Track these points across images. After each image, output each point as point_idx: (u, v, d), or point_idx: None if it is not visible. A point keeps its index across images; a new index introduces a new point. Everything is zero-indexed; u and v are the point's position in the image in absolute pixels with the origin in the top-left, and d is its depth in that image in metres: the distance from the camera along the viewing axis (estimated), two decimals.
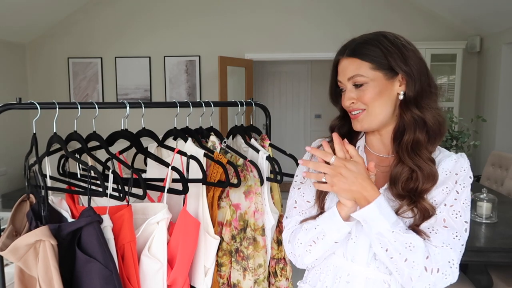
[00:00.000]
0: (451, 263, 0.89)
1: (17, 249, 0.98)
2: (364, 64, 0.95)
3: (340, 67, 1.00)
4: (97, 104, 1.17)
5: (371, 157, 1.04)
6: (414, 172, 0.93)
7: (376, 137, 1.04)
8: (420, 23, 5.07)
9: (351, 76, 0.96)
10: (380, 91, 0.95)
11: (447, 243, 0.90)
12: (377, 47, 0.94)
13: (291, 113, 7.00)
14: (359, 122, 0.98)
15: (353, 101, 0.97)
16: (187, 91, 5.44)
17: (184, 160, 1.21)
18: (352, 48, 0.97)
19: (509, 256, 1.98)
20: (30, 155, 1.15)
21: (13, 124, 5.07)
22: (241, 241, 1.29)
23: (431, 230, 0.91)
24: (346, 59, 0.98)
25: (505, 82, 4.61)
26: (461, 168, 0.95)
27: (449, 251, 0.89)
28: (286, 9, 5.25)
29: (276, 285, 1.35)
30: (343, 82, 0.99)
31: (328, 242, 0.95)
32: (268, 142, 1.45)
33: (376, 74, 0.94)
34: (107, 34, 5.44)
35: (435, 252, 0.89)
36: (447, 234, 0.90)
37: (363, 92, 0.96)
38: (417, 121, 0.95)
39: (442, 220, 0.91)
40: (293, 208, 1.07)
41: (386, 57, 0.94)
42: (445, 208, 0.92)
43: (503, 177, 3.40)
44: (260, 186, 1.30)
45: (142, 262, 1.09)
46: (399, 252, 0.87)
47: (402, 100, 0.96)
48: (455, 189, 0.93)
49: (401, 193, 0.94)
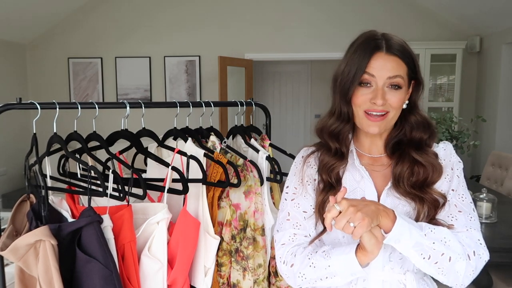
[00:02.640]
0: (479, 241, 0.92)
1: (17, 249, 0.98)
2: (404, 67, 0.92)
3: (378, 62, 0.91)
4: (97, 104, 1.17)
5: (363, 159, 1.02)
6: (415, 166, 0.96)
7: (371, 139, 1.02)
8: (420, 23, 5.07)
9: (393, 76, 0.91)
10: (405, 98, 0.95)
11: (469, 226, 0.92)
12: (409, 53, 0.93)
13: (291, 113, 6.99)
14: (378, 126, 0.94)
15: (385, 102, 0.92)
16: (187, 91, 5.44)
17: (184, 160, 1.21)
18: (396, 47, 0.92)
19: (509, 256, 1.99)
20: (30, 155, 1.15)
21: (13, 124, 5.07)
22: (241, 241, 1.29)
23: (451, 218, 0.93)
24: (387, 55, 0.91)
25: (505, 82, 4.61)
26: (451, 154, 1.00)
27: (473, 232, 0.92)
28: (286, 9, 5.25)
29: (277, 285, 1.35)
30: (378, 78, 0.91)
31: (337, 281, 0.90)
32: (268, 142, 1.45)
33: (407, 80, 0.94)
34: (107, 34, 5.44)
35: (463, 237, 0.91)
36: (464, 218, 0.93)
37: (397, 95, 0.92)
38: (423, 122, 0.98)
39: (454, 205, 0.94)
40: (286, 220, 1.00)
41: (415, 66, 0.94)
42: (454, 194, 0.96)
43: (503, 177, 3.40)
44: (260, 186, 1.31)
45: (142, 262, 1.09)
46: (441, 253, 0.85)
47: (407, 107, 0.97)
48: (455, 175, 0.97)
49: (407, 191, 0.95)
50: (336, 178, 0.99)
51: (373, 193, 0.98)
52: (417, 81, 0.97)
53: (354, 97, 0.95)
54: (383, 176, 1.00)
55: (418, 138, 0.98)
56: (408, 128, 0.99)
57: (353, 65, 0.93)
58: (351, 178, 1.00)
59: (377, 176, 1.00)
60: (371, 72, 0.91)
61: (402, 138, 1.00)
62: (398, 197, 0.96)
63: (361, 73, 0.92)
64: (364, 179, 0.99)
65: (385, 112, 0.93)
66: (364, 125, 0.95)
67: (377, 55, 0.91)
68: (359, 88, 0.93)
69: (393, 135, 1.01)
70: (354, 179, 1.00)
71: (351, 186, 0.99)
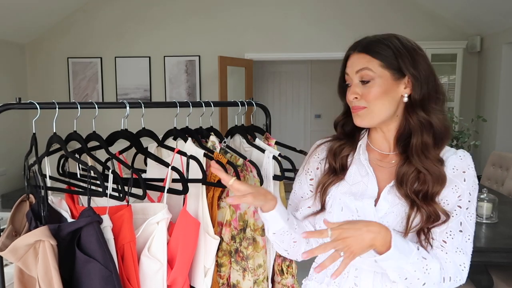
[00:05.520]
0: (462, 266, 0.93)
1: (16, 249, 0.98)
2: (374, 61, 0.95)
3: (350, 61, 1.00)
4: (97, 104, 1.17)
5: (373, 154, 1.04)
6: (421, 173, 0.94)
7: (379, 134, 1.04)
8: (421, 23, 5.07)
9: (360, 69, 0.96)
10: (385, 90, 0.95)
11: (461, 248, 0.93)
12: (389, 47, 0.95)
13: (291, 113, 6.99)
14: (360, 117, 0.98)
15: (356, 96, 0.97)
16: (187, 91, 5.44)
17: (184, 160, 1.20)
18: (364, 45, 0.98)
19: (509, 256, 1.98)
20: (30, 155, 1.15)
21: (13, 124, 5.07)
22: (240, 241, 1.29)
23: (448, 235, 0.93)
24: (357, 54, 0.98)
25: (505, 82, 4.61)
26: (468, 166, 0.96)
27: (461, 256, 0.93)
28: (286, 9, 5.25)
29: (282, 282, 1.35)
30: (350, 75, 0.99)
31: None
32: (273, 141, 1.45)
33: (384, 72, 0.95)
34: (107, 34, 5.44)
35: (447, 260, 0.92)
36: (461, 239, 0.93)
37: (369, 89, 0.96)
38: (424, 124, 0.96)
39: (459, 223, 0.93)
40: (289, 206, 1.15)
41: (397, 58, 0.95)
42: (461, 211, 0.94)
43: (503, 177, 3.39)
44: (260, 186, 1.30)
45: (142, 262, 1.09)
46: (417, 277, 0.89)
47: (408, 103, 0.97)
48: (467, 191, 0.94)
49: (408, 194, 0.94)
50: (341, 164, 1.05)
51: (374, 190, 1.00)
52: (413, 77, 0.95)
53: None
54: (389, 173, 1.01)
55: (419, 142, 0.96)
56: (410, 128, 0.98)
57: (340, 71, 1.04)
58: (357, 172, 1.04)
59: (383, 172, 1.01)
60: (346, 71, 1.00)
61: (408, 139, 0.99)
62: (399, 197, 0.96)
63: (343, 77, 1.02)
64: (369, 175, 1.02)
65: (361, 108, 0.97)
66: (353, 119, 1.01)
67: (351, 56, 1.00)
68: (347, 89, 1.01)
69: (401, 132, 1.00)
70: (359, 173, 1.04)
71: (355, 179, 1.04)
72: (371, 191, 1.00)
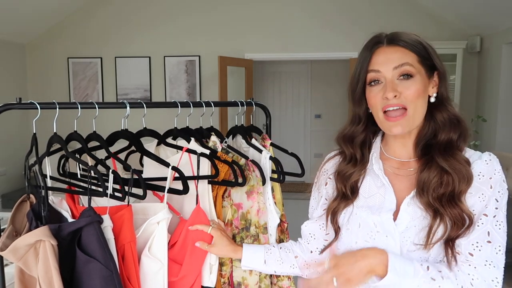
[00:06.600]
0: (495, 282, 0.83)
1: (17, 249, 0.98)
2: (411, 55, 0.86)
3: (380, 56, 0.88)
4: (97, 104, 1.17)
5: (390, 163, 0.95)
6: (444, 175, 0.85)
7: (399, 141, 0.94)
8: (420, 22, 5.07)
9: (399, 65, 0.85)
10: (423, 89, 0.87)
11: (491, 261, 0.83)
12: (418, 41, 0.88)
13: (291, 113, 6.99)
14: (400, 125, 0.87)
15: (396, 94, 0.85)
16: (187, 91, 5.44)
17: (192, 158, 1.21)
18: (394, 37, 0.88)
19: (510, 256, 1.98)
20: (30, 155, 1.15)
21: (13, 124, 5.07)
22: (241, 240, 1.29)
23: (475, 246, 0.83)
24: (388, 47, 0.87)
25: (505, 82, 4.61)
26: (494, 171, 0.86)
27: (492, 270, 0.83)
28: (286, 9, 5.25)
29: (279, 284, 1.35)
30: (384, 72, 0.87)
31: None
32: (269, 142, 1.45)
33: (420, 68, 0.87)
34: (107, 34, 5.44)
35: (474, 277, 0.82)
36: (490, 250, 0.83)
37: (410, 85, 0.85)
38: (452, 120, 0.89)
39: (487, 233, 0.83)
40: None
41: (429, 53, 0.87)
42: (487, 219, 0.84)
43: None
44: (262, 185, 1.30)
45: (142, 262, 1.09)
46: None
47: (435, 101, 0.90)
48: (493, 197, 0.84)
49: (430, 203, 0.85)
50: (351, 188, 0.96)
51: (392, 202, 0.91)
52: (440, 71, 0.89)
53: (369, 99, 0.91)
54: (408, 182, 0.91)
55: (445, 139, 0.88)
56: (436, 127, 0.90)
57: (358, 66, 0.91)
58: (372, 183, 0.95)
59: (402, 181, 0.92)
60: (376, 68, 0.88)
61: (432, 140, 0.91)
62: (420, 208, 0.87)
63: (365, 71, 0.89)
64: (385, 186, 0.93)
65: (401, 107, 0.86)
66: (386, 127, 0.90)
67: (379, 50, 0.89)
68: (371, 89, 0.90)
69: (421, 136, 0.92)
70: (374, 184, 0.95)
71: (371, 191, 0.95)
72: (389, 204, 0.91)
